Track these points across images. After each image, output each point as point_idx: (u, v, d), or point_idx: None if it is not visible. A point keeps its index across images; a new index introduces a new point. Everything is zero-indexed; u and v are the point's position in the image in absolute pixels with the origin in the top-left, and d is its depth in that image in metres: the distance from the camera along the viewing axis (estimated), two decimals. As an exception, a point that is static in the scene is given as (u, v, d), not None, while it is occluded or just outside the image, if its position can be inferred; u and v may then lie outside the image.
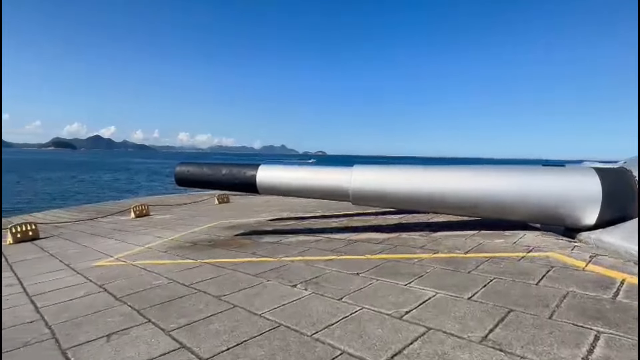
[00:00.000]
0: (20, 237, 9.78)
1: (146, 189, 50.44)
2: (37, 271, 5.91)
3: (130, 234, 9.42)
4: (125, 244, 7.91)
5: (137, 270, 5.39)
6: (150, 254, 6.61)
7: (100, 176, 74.28)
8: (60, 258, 6.89)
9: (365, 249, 5.68)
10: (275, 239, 7.02)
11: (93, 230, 11.10)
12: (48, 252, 7.72)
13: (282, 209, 12.93)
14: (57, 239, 9.67)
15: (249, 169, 6.64)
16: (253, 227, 8.97)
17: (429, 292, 3.66)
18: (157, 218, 13.20)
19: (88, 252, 7.32)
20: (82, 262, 6.27)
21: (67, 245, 8.47)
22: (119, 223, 12.69)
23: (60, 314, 3.79)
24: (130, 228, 10.80)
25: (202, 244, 7.16)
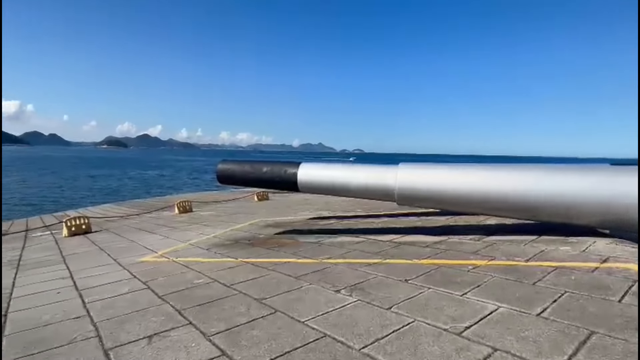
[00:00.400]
0: (74, 231, 10.31)
1: (189, 186, 52.41)
2: (87, 265, 6.10)
3: (174, 230, 9.62)
4: (170, 240, 8.05)
5: (179, 268, 5.38)
6: (193, 251, 6.64)
7: (147, 173, 78.25)
8: (109, 252, 7.11)
9: (412, 252, 5.32)
10: (316, 239, 6.82)
11: (140, 225, 11.50)
12: (98, 245, 8.02)
13: (321, 207, 12.75)
14: (107, 233, 10.08)
15: (290, 167, 6.48)
16: (293, 225, 8.84)
17: (489, 304, 3.27)
18: (199, 214, 13.49)
19: (134, 247, 7.51)
20: (128, 257, 6.41)
21: (115, 239, 8.78)
22: (164, 219, 13.10)
23: (105, 310, 3.80)
24: (174, 224, 11.08)
25: (242, 242, 7.11)
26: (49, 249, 8.08)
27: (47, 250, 7.94)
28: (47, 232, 11.09)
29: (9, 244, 9.38)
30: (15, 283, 5.21)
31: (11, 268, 6.26)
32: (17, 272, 5.95)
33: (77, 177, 64.45)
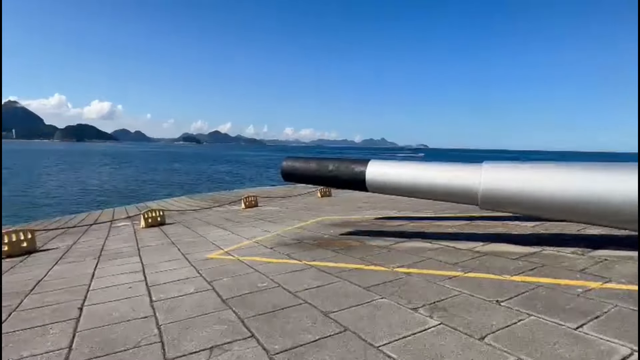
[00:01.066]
0: (150, 222, 10.93)
1: (254, 180, 54.42)
2: (158, 259, 6.26)
3: (240, 225, 9.73)
4: (235, 236, 8.09)
5: (244, 268, 5.25)
6: (257, 249, 6.53)
7: (217, 167, 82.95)
8: (179, 246, 7.29)
9: (499, 265, 4.61)
10: (385, 242, 6.33)
11: (208, 219, 11.89)
12: (170, 238, 8.33)
13: (386, 206, 12.15)
14: (179, 226, 10.53)
15: (358, 164, 6.05)
16: (359, 226, 8.41)
17: (619, 346, 2.56)
18: (264, 209, 13.65)
19: (202, 242, 7.64)
20: (196, 254, 6.48)
21: (186, 233, 9.08)
22: (230, 213, 13.45)
23: (171, 312, 3.72)
24: (240, 219, 11.26)
25: (307, 242, 6.86)
26: (127, 240, 8.58)
27: (125, 241, 8.42)
28: (128, 223, 11.93)
29: (95, 234, 10.20)
30: (95, 274, 5.47)
31: (93, 258, 6.66)
32: (98, 262, 6.29)
33: (157, 170, 70.35)
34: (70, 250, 7.71)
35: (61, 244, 8.62)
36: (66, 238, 9.68)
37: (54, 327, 3.50)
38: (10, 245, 7.57)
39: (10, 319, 3.77)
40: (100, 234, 9.90)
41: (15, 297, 4.52)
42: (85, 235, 10.07)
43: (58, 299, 4.34)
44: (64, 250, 7.73)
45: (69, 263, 6.41)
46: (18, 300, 4.40)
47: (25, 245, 7.81)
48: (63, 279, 5.33)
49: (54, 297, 4.45)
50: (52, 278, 5.41)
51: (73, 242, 8.80)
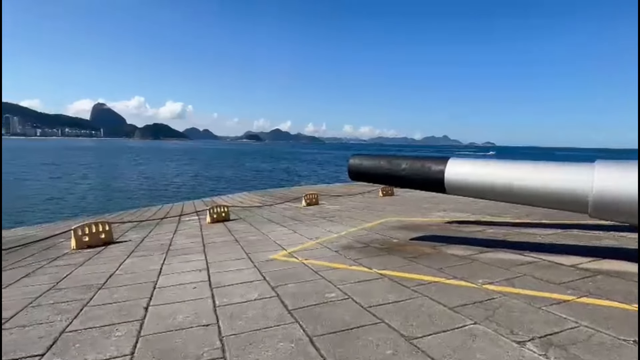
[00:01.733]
0: (216, 218, 11.12)
1: (313, 177, 54.79)
2: (222, 257, 6.15)
3: (302, 224, 9.47)
4: (298, 236, 7.82)
5: (309, 273, 4.88)
6: (322, 252, 6.15)
7: (277, 164, 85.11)
8: (242, 244, 7.17)
9: (623, 290, 3.71)
10: (464, 251, 5.60)
11: (271, 216, 11.84)
12: (234, 235, 8.29)
13: (455, 207, 11.16)
14: (242, 223, 10.57)
15: (435, 163, 5.38)
16: (430, 230, 7.68)
17: None
18: (326, 208, 13.33)
19: (265, 241, 7.46)
20: (260, 253, 6.27)
21: (249, 230, 9.02)
22: (292, 210, 13.33)
23: (234, 321, 3.43)
24: (302, 217, 11.04)
25: (375, 246, 6.34)
26: (193, 235, 8.71)
27: (192, 236, 8.55)
28: (196, 218, 12.30)
29: (166, 227, 10.59)
30: (162, 270, 5.46)
31: (161, 253, 6.76)
32: (166, 258, 6.35)
33: (222, 167, 74.01)
34: (142, 243, 7.98)
35: (135, 236, 9.01)
36: (140, 231, 10.15)
37: (120, 328, 3.38)
38: (91, 236, 8.02)
39: (81, 315, 3.76)
40: (170, 228, 10.25)
41: (87, 291, 4.59)
42: (156, 228, 10.50)
43: (126, 296, 4.30)
44: (136, 243, 8.02)
45: (139, 257, 6.56)
46: (91, 294, 4.45)
47: (103, 237, 8.25)
48: (133, 273, 5.38)
49: (122, 293, 4.43)
50: (123, 272, 5.50)
51: (145, 235, 9.16)
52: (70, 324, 3.54)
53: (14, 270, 6.04)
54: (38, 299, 4.37)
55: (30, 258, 7.05)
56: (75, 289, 4.70)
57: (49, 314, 3.84)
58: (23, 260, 6.87)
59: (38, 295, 4.52)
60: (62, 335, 3.29)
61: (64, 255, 7.13)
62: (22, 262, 6.72)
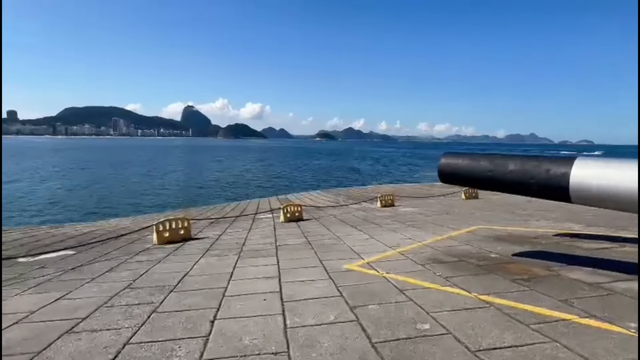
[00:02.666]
0: (289, 217, 10.88)
1: (387, 176, 53.23)
2: (295, 263, 5.70)
3: (378, 228, 8.73)
4: (375, 242, 7.11)
5: (393, 292, 4.16)
6: (405, 264, 5.38)
7: (349, 162, 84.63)
8: (316, 249, 6.68)
9: None
10: (593, 276, 4.40)
11: (344, 217, 11.27)
12: (307, 238, 7.86)
13: (562, 215, 9.46)
14: (315, 223, 10.16)
15: (556, 164, 4.26)
16: (537, 244, 6.43)
17: None
18: (402, 210, 12.38)
19: (340, 246, 6.88)
20: (334, 261, 5.70)
21: (322, 232, 8.54)
22: (366, 211, 12.62)
23: (308, 351, 2.87)
24: (377, 219, 10.28)
25: (469, 261, 5.37)
26: (267, 235, 8.48)
27: (265, 236, 8.32)
28: (270, 216, 12.23)
29: (241, 225, 10.61)
30: (233, 275, 5.16)
31: (234, 254, 6.55)
32: (238, 259, 6.10)
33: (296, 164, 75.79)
34: (217, 241, 7.94)
35: (211, 234, 9.08)
36: (217, 227, 10.28)
37: (182, 345, 3.03)
38: (171, 232, 8.21)
39: (148, 323, 3.52)
40: (245, 226, 10.23)
41: (160, 293, 4.43)
42: (232, 225, 10.57)
43: (195, 303, 4.01)
44: (212, 241, 8.00)
45: (213, 257, 6.41)
46: (162, 297, 4.26)
47: (182, 233, 8.40)
48: (205, 276, 5.17)
49: (192, 299, 4.17)
50: (196, 273, 5.32)
51: (221, 233, 9.19)
52: (136, 333, 3.29)
53: (102, 263, 6.27)
54: (113, 298, 4.30)
55: (117, 251, 7.36)
56: (149, 290, 4.57)
57: (120, 317, 3.67)
58: (111, 253, 7.18)
59: (114, 294, 4.46)
60: (126, 347, 3.04)
61: (147, 250, 7.32)
62: (110, 255, 7.01)
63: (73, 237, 9.61)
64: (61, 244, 8.53)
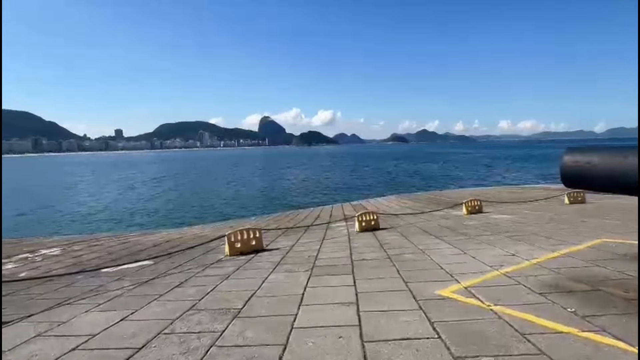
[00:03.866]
0: (364, 226, 10.06)
1: (467, 180, 49.45)
2: (375, 285, 4.86)
3: (470, 241, 7.48)
4: (469, 258, 5.96)
5: (511, 337, 3.11)
6: (516, 291, 4.22)
7: (425, 165, 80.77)
8: (398, 266, 5.77)
9: None
10: None
11: (426, 226, 10.10)
12: (386, 251, 6.96)
13: None
14: (394, 233, 9.19)
15: None
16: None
17: None
18: (494, 218, 10.78)
19: (426, 263, 5.88)
20: (423, 283, 4.75)
21: (403, 244, 7.56)
22: (451, 219, 11.26)
23: None
24: (466, 229, 8.96)
25: (609, 290, 4.03)
26: (341, 247, 7.75)
27: (339, 248, 7.61)
28: (344, 225, 11.53)
29: (314, 235, 10.05)
30: (303, 299, 4.50)
31: (307, 269, 5.93)
32: (310, 277, 5.45)
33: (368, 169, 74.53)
34: (289, 254, 7.42)
35: (283, 244, 8.64)
36: (289, 237, 9.86)
37: (240, 401, 2.40)
38: (242, 243, 7.93)
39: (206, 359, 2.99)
40: (318, 236, 9.65)
41: (223, 319, 3.92)
42: (305, 235, 10.07)
43: (258, 338, 3.40)
44: (283, 253, 7.52)
45: (283, 273, 5.86)
46: (224, 325, 3.74)
47: (254, 244, 8.07)
48: (273, 298, 4.59)
49: (255, 330, 3.57)
50: (264, 293, 4.78)
51: (293, 243, 8.71)
52: (190, 376, 2.77)
53: (174, 276, 6.10)
54: (175, 322, 3.90)
55: (191, 262, 7.23)
56: (213, 314, 4.11)
57: (176, 351, 3.20)
58: (185, 264, 7.06)
59: (176, 316, 4.08)
60: (175, 396, 2.51)
61: (218, 262, 7.08)
62: (183, 266, 6.88)
63: (158, 245, 9.92)
64: (144, 252, 8.77)
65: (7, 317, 4.33)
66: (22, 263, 8.11)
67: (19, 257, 8.77)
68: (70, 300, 4.88)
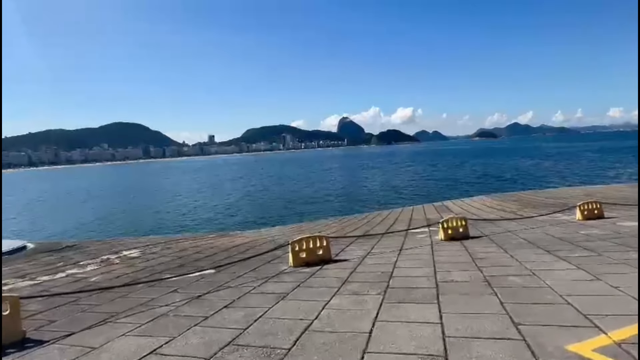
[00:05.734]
0: (450, 234, 8.55)
1: (569, 177, 42.97)
2: (469, 325, 3.56)
3: (601, 260, 5.60)
4: (608, 289, 4.27)
5: None
6: None
7: (513, 161, 72.74)
8: (500, 295, 4.34)
9: None
10: None
11: (530, 234, 8.20)
12: (481, 271, 5.51)
13: None
14: (488, 244, 7.55)
15: None
16: None
17: None
18: (625, 226, 8.38)
19: (540, 291, 4.34)
20: (542, 327, 3.32)
21: (503, 261, 6.00)
22: (562, 226, 9.10)
23: None
24: (588, 241, 6.94)
25: None
26: (423, 262, 6.45)
27: (420, 264, 6.31)
28: (426, 231, 10.09)
29: (389, 243, 8.83)
30: (371, 338, 3.41)
31: (378, 292, 4.81)
32: (382, 304, 4.33)
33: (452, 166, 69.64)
34: (358, 268, 6.37)
35: (354, 254, 7.60)
36: (362, 245, 8.80)
37: None
38: (308, 252, 7.08)
39: None
40: (395, 244, 8.41)
41: (264, 364, 3.04)
42: (380, 243, 8.90)
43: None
44: (352, 267, 6.49)
45: (349, 295, 4.84)
46: (264, 375, 2.85)
47: (320, 254, 7.18)
48: (332, 334, 3.59)
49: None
50: (321, 326, 3.81)
51: (365, 254, 7.61)
52: None
53: (228, 291, 5.46)
54: (209, 362, 3.13)
55: (252, 273, 6.60)
56: (254, 353, 3.26)
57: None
58: (245, 275, 6.45)
59: (212, 354, 3.31)
60: None
61: (279, 275, 6.32)
62: (242, 278, 6.26)
63: (227, 250, 9.63)
64: (209, 259, 8.46)
65: (51, 334, 4.02)
66: (100, 265, 8.34)
67: (100, 259, 9.11)
68: (114, 318, 4.47)
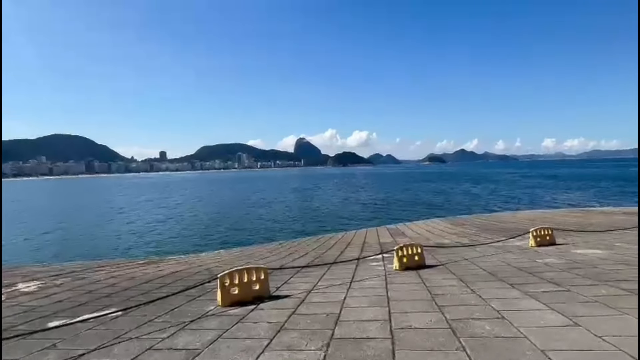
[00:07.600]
0: (406, 263, 7.75)
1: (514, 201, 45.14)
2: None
3: (570, 297, 4.96)
4: (592, 340, 3.53)
5: None
6: None
7: (462, 185, 76.07)
8: (470, 351, 3.45)
9: None
10: None
11: (489, 264, 7.60)
12: (443, 313, 4.64)
13: None
14: (446, 275, 6.78)
15: None
16: None
17: None
18: (578, 253, 8.05)
19: (516, 343, 3.51)
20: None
21: (465, 298, 5.19)
22: (518, 254, 8.64)
23: None
24: (548, 271, 6.38)
25: None
26: (375, 300, 5.48)
27: (372, 303, 5.34)
28: (379, 259, 9.24)
29: (338, 274, 7.83)
30: None
31: (319, 346, 3.73)
32: None
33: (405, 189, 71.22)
34: (299, 309, 5.26)
35: (295, 291, 6.46)
36: (305, 278, 7.71)
37: None
38: (241, 287, 5.87)
39: None
40: (344, 276, 7.41)
41: None
42: (328, 273, 7.88)
43: None
44: (293, 306, 5.38)
45: (282, 350, 3.72)
46: None
47: (257, 289, 6.00)
48: None
49: None
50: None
51: (310, 288, 6.54)
52: None
53: (130, 343, 4.12)
54: None
55: (168, 315, 5.26)
56: None
57: None
58: (159, 318, 5.11)
59: None
60: None
61: (201, 319, 5.04)
62: (154, 322, 4.92)
63: (149, 281, 8.11)
64: (123, 294, 6.94)
65: None
66: (-26, 305, 6.50)
67: (-20, 295, 7.21)
68: None
